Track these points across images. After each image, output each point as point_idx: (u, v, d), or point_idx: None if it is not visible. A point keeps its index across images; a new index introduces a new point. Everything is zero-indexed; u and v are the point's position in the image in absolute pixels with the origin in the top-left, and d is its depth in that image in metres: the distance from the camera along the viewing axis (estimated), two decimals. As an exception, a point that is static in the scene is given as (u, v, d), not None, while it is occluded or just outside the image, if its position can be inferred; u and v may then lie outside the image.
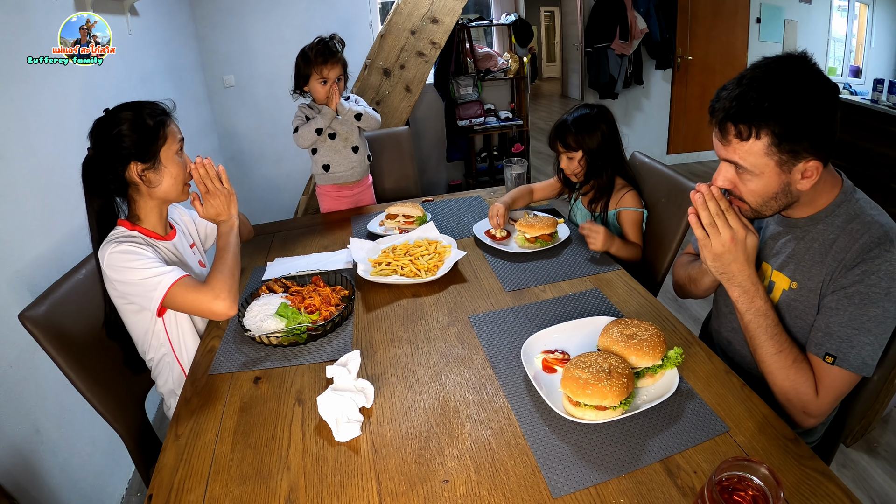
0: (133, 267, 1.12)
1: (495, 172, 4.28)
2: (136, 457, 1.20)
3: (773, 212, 0.93)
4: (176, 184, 1.23)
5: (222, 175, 1.27)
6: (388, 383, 1.02)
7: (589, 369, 0.86)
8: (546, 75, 10.58)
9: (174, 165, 1.22)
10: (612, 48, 4.20)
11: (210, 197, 1.25)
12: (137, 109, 1.18)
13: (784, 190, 0.88)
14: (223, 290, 1.13)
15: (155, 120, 1.18)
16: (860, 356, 0.85)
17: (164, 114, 1.22)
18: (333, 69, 1.84)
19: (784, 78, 0.83)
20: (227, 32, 3.55)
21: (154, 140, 1.17)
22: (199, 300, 1.11)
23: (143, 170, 1.18)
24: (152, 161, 1.18)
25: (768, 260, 1.02)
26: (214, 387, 1.06)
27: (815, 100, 0.83)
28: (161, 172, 1.20)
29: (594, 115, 1.54)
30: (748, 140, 0.84)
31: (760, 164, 0.85)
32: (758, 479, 0.62)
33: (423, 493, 0.78)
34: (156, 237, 1.25)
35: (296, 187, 3.69)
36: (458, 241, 1.56)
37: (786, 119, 0.81)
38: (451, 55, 3.85)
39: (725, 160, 0.90)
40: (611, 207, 1.59)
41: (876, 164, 3.22)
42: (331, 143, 1.97)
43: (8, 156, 1.47)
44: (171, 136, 1.21)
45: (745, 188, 0.90)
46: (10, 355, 1.36)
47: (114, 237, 1.18)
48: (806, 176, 0.86)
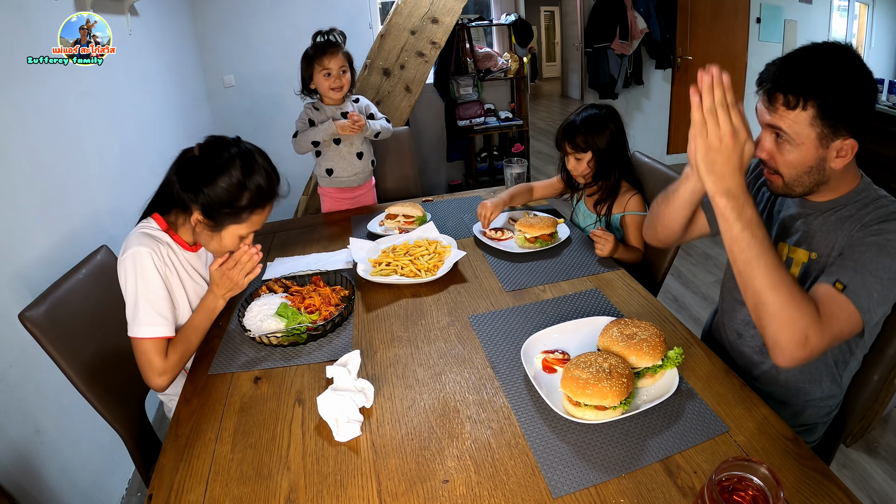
0: (136, 287, 1.11)
1: (495, 172, 4.28)
2: (136, 457, 1.20)
3: (803, 190, 0.94)
4: (213, 249, 1.21)
5: (251, 274, 1.22)
6: (388, 383, 1.02)
7: (589, 369, 0.86)
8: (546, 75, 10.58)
9: (229, 242, 1.18)
10: (612, 48, 4.20)
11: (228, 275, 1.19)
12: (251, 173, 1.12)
13: (818, 166, 0.90)
14: (170, 371, 1.13)
15: (251, 201, 1.13)
16: (868, 298, 0.84)
17: (267, 201, 1.17)
18: (334, 59, 1.81)
19: (832, 57, 0.86)
20: (227, 32, 3.55)
21: (232, 216, 1.13)
22: (149, 364, 1.11)
23: (199, 221, 1.14)
24: (214, 224, 1.14)
25: (785, 239, 1.03)
26: (214, 387, 1.06)
27: (858, 81, 0.86)
28: (212, 237, 1.17)
29: (603, 116, 1.54)
30: (795, 109, 0.86)
31: (802, 135, 0.87)
32: (758, 479, 0.62)
33: (423, 493, 0.78)
34: (183, 246, 1.23)
35: (296, 187, 3.67)
36: (458, 241, 1.56)
37: (832, 94, 0.84)
38: (451, 55, 3.85)
39: (769, 125, 0.91)
40: (616, 211, 1.58)
41: (876, 164, 3.22)
42: (335, 149, 1.96)
43: (8, 156, 1.47)
44: (250, 224, 1.17)
45: (782, 159, 0.91)
46: (10, 355, 1.37)
47: (146, 231, 1.16)
48: (840, 155, 0.88)
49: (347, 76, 1.86)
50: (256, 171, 1.14)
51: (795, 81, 0.85)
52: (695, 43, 4.49)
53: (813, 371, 1.03)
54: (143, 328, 1.10)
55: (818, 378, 1.03)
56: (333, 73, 1.83)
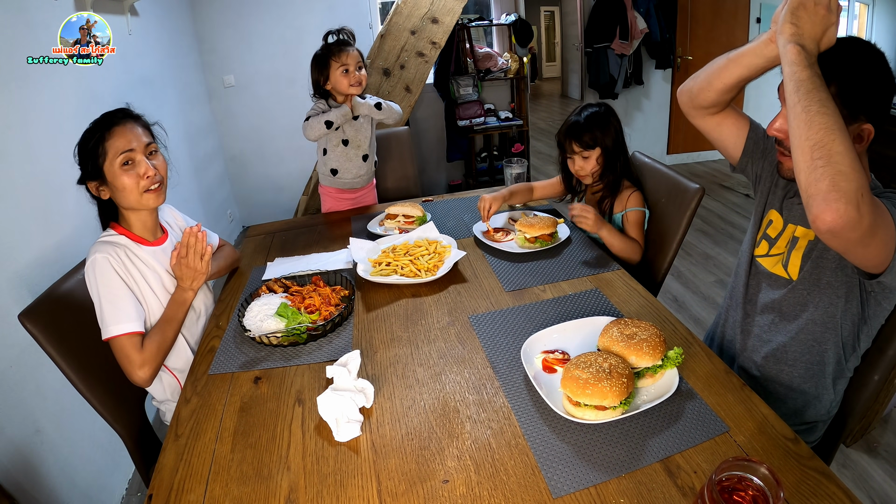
0: (98, 291, 1.13)
1: (495, 172, 4.28)
2: (136, 457, 1.20)
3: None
4: (130, 195, 1.18)
5: (206, 255, 1.25)
6: (388, 383, 1.02)
7: (589, 369, 0.86)
8: (546, 75, 10.58)
9: (121, 178, 1.16)
10: (612, 48, 4.20)
11: (183, 262, 1.23)
12: (91, 126, 1.16)
13: None
14: (148, 363, 1.14)
15: (96, 135, 1.15)
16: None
17: (108, 124, 1.16)
18: (351, 55, 1.80)
19: (855, 47, 0.88)
20: (227, 32, 3.55)
21: (93, 157, 1.15)
22: (127, 360, 1.13)
23: (97, 188, 1.18)
24: (99, 178, 1.17)
25: (796, 221, 1.04)
26: (214, 387, 1.06)
27: (880, 72, 0.87)
28: (111, 188, 1.18)
29: (604, 113, 1.55)
30: None
31: None
32: (758, 479, 0.62)
33: (424, 492, 0.78)
34: (142, 242, 1.25)
35: (296, 187, 3.70)
36: (458, 241, 1.56)
37: (851, 78, 0.86)
38: (451, 55, 3.85)
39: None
40: (617, 210, 1.58)
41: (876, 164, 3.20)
42: (343, 150, 1.95)
43: (8, 156, 1.47)
44: (112, 150, 1.15)
45: None
46: (10, 355, 1.37)
47: (101, 240, 1.20)
48: (856, 141, 0.89)
49: (364, 72, 1.84)
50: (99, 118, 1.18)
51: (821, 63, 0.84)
52: (695, 43, 4.49)
53: (814, 369, 1.03)
54: (111, 327, 1.12)
55: (818, 377, 1.03)
56: (351, 69, 1.80)
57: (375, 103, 1.90)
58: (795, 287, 1.03)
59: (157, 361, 1.17)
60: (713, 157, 4.99)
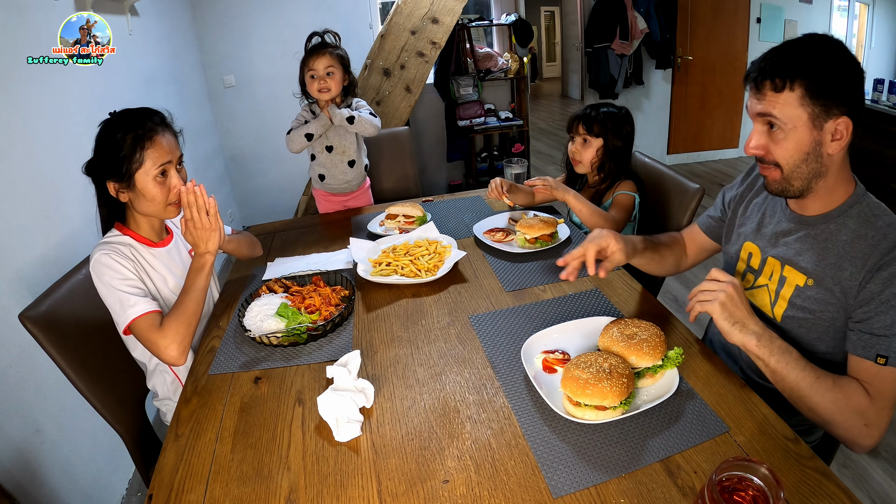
0: (107, 284, 1.12)
1: (495, 172, 4.28)
2: (137, 457, 1.20)
3: (801, 184, 0.92)
4: (154, 206, 1.18)
5: (211, 208, 1.17)
6: (388, 383, 1.02)
7: (589, 369, 0.86)
8: (546, 75, 10.58)
9: (152, 189, 1.16)
10: (612, 48, 4.20)
11: (191, 225, 1.17)
12: (125, 124, 1.13)
13: (815, 151, 0.89)
14: (174, 339, 1.10)
15: (134, 136, 1.13)
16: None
17: (150, 132, 1.15)
18: (320, 60, 1.77)
19: (814, 41, 0.87)
20: (227, 32, 3.55)
21: (127, 161, 1.13)
22: (152, 342, 1.10)
23: (117, 189, 1.16)
24: (127, 182, 1.15)
25: (778, 256, 1.02)
26: (214, 387, 1.06)
27: (844, 59, 0.86)
28: (136, 194, 1.16)
29: (622, 116, 1.59)
30: (783, 91, 0.86)
31: (794, 117, 0.87)
32: (758, 480, 0.62)
33: (424, 493, 0.78)
34: (148, 244, 1.24)
35: (296, 187, 3.69)
36: (459, 241, 1.56)
37: (818, 70, 0.85)
38: (451, 55, 3.85)
39: (760, 114, 0.91)
40: (607, 199, 1.62)
41: (876, 164, 3.22)
42: (328, 157, 1.95)
43: (8, 156, 1.47)
44: (151, 160, 1.14)
45: (777, 149, 0.91)
46: (10, 355, 1.37)
47: (105, 241, 1.19)
48: (836, 137, 0.87)
49: (335, 78, 1.80)
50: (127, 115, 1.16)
51: (780, 65, 0.87)
52: (695, 43, 4.49)
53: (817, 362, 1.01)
54: (127, 313, 1.10)
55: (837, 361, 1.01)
56: (318, 75, 1.78)
57: (348, 116, 1.85)
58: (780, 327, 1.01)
59: (182, 336, 1.11)
60: (713, 157, 5.00)
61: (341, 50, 1.84)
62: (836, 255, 0.92)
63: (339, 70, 1.81)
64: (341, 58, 1.82)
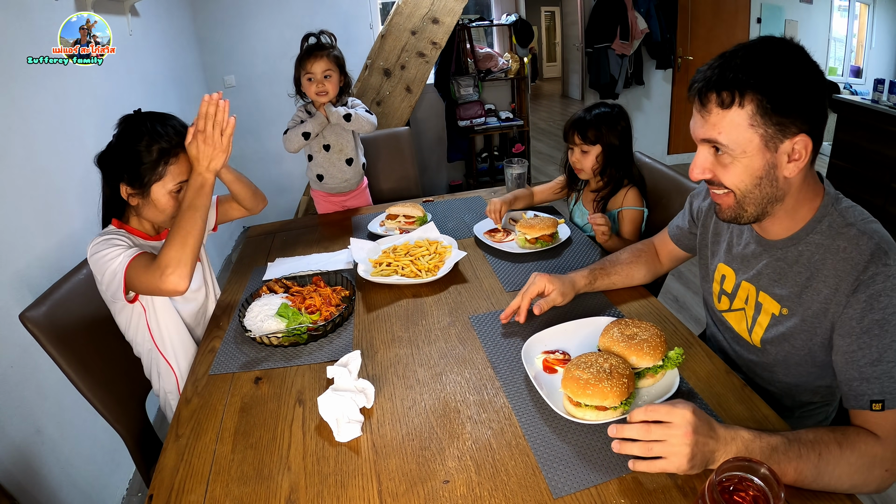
0: (103, 257, 1.10)
1: (496, 173, 4.28)
2: (137, 457, 1.20)
3: (756, 210, 0.84)
4: (161, 217, 1.18)
5: (228, 128, 1.11)
6: (388, 383, 1.02)
7: (589, 370, 0.86)
8: (546, 75, 10.58)
9: (164, 203, 1.16)
10: (612, 48, 4.20)
11: (200, 138, 1.10)
12: (153, 131, 1.11)
13: (769, 174, 0.79)
14: (170, 263, 1.02)
15: (159, 149, 1.12)
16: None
17: (176, 147, 1.14)
18: (317, 63, 1.77)
19: (770, 46, 0.77)
20: (227, 32, 3.55)
21: (149, 172, 1.13)
22: (149, 279, 1.03)
23: (130, 194, 1.15)
24: (141, 190, 1.14)
25: (751, 281, 0.96)
26: (215, 387, 1.06)
27: (804, 69, 0.76)
28: (148, 203, 1.16)
29: (615, 114, 1.57)
30: (731, 108, 0.76)
31: (743, 141, 0.77)
32: (758, 480, 0.62)
33: (424, 493, 0.78)
34: (143, 237, 1.24)
35: (296, 188, 3.70)
36: (459, 242, 1.56)
37: (773, 83, 0.74)
38: (451, 55, 3.86)
39: (704, 140, 0.81)
40: (613, 207, 1.59)
41: (876, 164, 3.21)
42: (325, 156, 1.95)
43: (8, 156, 1.47)
44: (171, 176, 1.14)
45: (725, 173, 0.81)
46: (10, 355, 1.37)
47: (100, 234, 1.18)
48: (793, 158, 0.78)
49: (333, 80, 1.80)
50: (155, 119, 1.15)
51: (728, 74, 0.76)
52: (695, 43, 4.49)
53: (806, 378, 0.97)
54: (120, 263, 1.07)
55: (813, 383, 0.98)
56: (316, 78, 1.79)
57: (345, 114, 1.85)
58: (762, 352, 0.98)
59: (181, 257, 1.04)
60: (713, 157, 4.99)
61: (337, 51, 1.85)
62: (807, 276, 0.85)
63: (336, 72, 1.82)
64: (338, 59, 1.83)
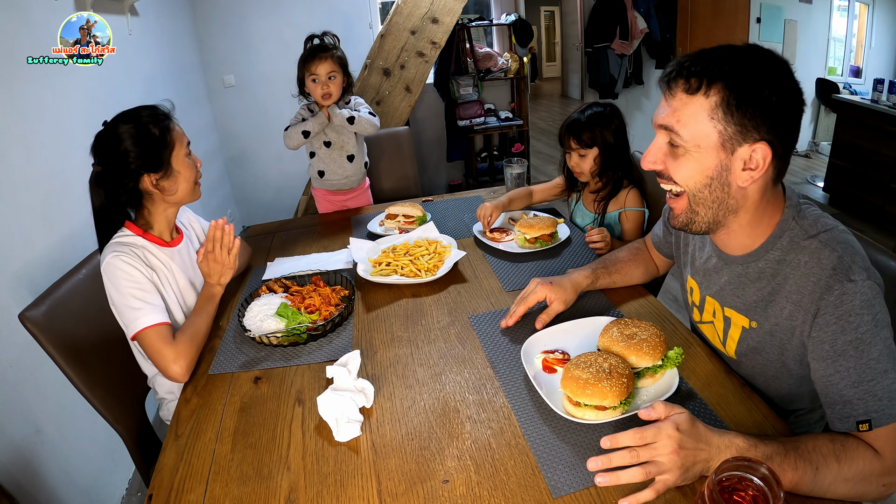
0: (118, 288, 1.11)
1: (495, 172, 4.28)
2: (136, 457, 1.20)
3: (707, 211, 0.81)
4: (187, 186, 1.23)
5: (234, 249, 1.25)
6: (388, 383, 1.02)
7: (589, 369, 0.86)
8: (546, 75, 10.57)
9: (186, 168, 1.21)
10: (612, 48, 4.20)
11: (210, 258, 1.23)
12: (137, 120, 1.15)
13: (720, 177, 0.77)
14: (182, 355, 1.10)
15: (160, 127, 1.16)
16: (892, 399, 0.72)
17: (167, 118, 1.19)
18: (322, 65, 1.78)
19: (752, 51, 0.76)
20: (227, 32, 3.55)
21: (163, 148, 1.16)
22: (160, 355, 1.09)
23: (156, 180, 1.17)
24: (165, 169, 1.17)
25: (715, 297, 0.96)
26: (214, 387, 1.06)
27: (780, 78, 0.74)
28: (175, 178, 1.20)
29: (608, 113, 1.56)
30: (696, 94, 0.74)
31: (700, 134, 0.75)
32: (758, 480, 0.62)
33: (424, 493, 0.78)
34: (160, 243, 1.24)
35: (296, 187, 3.69)
36: (458, 241, 1.56)
37: (744, 81, 0.72)
38: (451, 55, 3.86)
39: (661, 126, 0.79)
40: (614, 208, 1.59)
41: (876, 164, 3.21)
42: (327, 152, 1.96)
43: (8, 156, 1.47)
44: (178, 140, 1.20)
45: (675, 166, 0.80)
46: (10, 355, 1.37)
47: (117, 241, 1.17)
48: (749, 166, 0.75)
49: (337, 81, 1.82)
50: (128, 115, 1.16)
51: (701, 63, 0.74)
52: (695, 43, 4.48)
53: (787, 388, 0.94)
54: (136, 322, 1.10)
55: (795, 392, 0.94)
56: (321, 80, 1.80)
57: (348, 117, 1.87)
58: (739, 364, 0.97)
59: (191, 354, 1.11)
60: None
61: (341, 52, 1.85)
62: (769, 292, 0.84)
63: (340, 73, 1.83)
64: (341, 60, 1.84)
